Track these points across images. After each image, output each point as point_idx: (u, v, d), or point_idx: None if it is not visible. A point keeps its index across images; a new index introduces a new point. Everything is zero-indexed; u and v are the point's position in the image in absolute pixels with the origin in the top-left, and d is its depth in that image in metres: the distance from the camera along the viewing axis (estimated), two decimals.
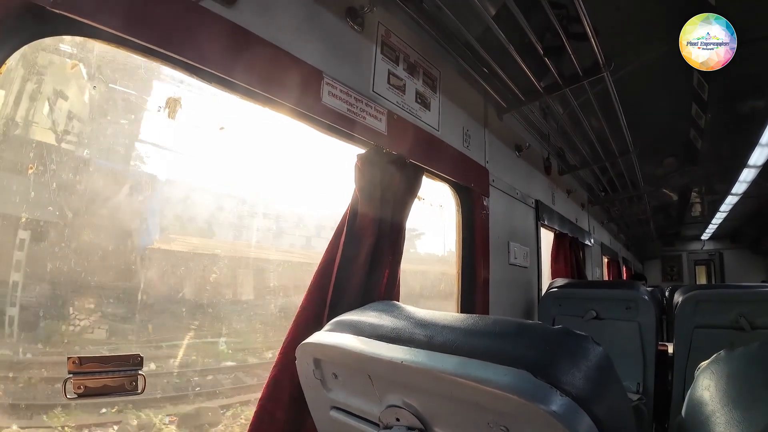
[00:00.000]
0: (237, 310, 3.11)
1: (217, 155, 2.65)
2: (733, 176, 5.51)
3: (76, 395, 1.10)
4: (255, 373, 3.08)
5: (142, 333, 2.51)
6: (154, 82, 2.23)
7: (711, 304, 2.08)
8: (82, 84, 2.09)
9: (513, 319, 0.76)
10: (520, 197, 2.99)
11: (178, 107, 1.32)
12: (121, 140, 2.33)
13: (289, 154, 2.63)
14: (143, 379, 1.19)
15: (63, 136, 2.07)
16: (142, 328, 2.50)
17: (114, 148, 2.31)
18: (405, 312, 0.88)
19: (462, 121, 2.33)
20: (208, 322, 2.88)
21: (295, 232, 3.55)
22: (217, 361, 2.97)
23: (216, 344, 2.98)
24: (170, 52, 1.05)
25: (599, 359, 0.65)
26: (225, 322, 3.00)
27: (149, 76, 2.18)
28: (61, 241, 2.07)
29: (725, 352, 0.73)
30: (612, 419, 0.61)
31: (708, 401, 0.64)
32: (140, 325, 2.49)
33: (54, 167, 1.99)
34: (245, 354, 3.17)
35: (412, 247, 3.69)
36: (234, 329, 3.08)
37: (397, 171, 1.61)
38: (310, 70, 1.41)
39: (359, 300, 1.42)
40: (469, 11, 2.10)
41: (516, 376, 0.59)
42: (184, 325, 2.72)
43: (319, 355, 0.89)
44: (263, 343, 3.19)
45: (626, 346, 2.19)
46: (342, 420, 0.90)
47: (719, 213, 8.11)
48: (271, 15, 1.31)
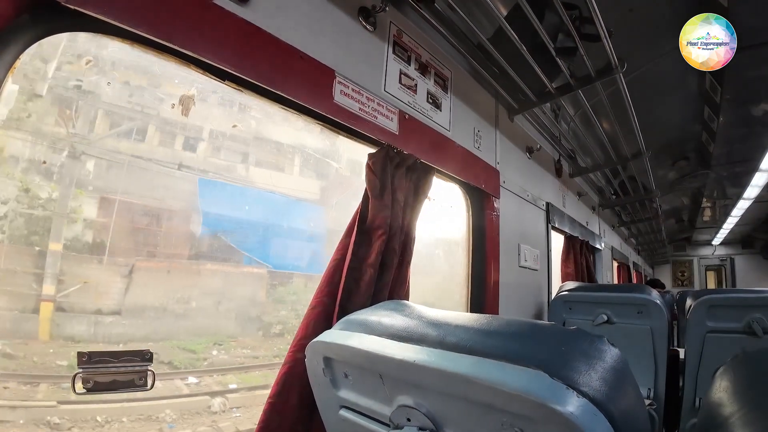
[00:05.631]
0: None
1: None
2: (745, 180, 5.44)
3: (85, 390, 1.11)
4: None
5: None
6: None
7: (723, 309, 2.05)
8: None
9: (527, 320, 0.75)
10: (530, 199, 2.97)
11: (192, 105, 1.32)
12: None
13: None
14: (152, 374, 1.20)
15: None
16: None
17: None
18: (416, 311, 0.87)
19: (473, 122, 2.32)
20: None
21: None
22: None
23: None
24: (184, 49, 1.05)
25: (615, 361, 0.64)
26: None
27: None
28: None
29: (743, 354, 0.71)
30: (628, 422, 0.60)
31: (726, 403, 0.63)
32: None
33: None
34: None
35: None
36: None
37: (407, 171, 1.61)
38: (323, 68, 1.41)
39: (369, 299, 1.42)
40: (480, 11, 2.11)
41: (532, 376, 0.58)
42: None
43: (329, 353, 0.89)
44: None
45: (637, 351, 2.17)
46: (352, 419, 0.90)
47: (731, 218, 8.01)
48: (284, 13, 1.31)
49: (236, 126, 7.15)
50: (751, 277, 11.53)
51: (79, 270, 6.81)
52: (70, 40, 5.13)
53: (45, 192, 6.45)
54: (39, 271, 6.47)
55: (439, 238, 2.62)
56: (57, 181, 6.48)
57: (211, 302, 6.40)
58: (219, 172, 7.49)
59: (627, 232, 7.21)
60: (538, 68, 2.13)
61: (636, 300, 2.23)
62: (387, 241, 1.47)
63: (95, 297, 6.92)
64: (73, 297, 6.77)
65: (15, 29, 0.89)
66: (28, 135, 6.05)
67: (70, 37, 0.99)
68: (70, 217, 6.80)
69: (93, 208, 6.83)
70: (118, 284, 7.07)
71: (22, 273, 6.36)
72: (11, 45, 0.90)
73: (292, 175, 7.43)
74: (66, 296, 6.69)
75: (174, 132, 7.20)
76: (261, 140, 7.59)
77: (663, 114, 3.95)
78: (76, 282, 6.82)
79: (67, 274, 6.69)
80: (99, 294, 6.94)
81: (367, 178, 1.48)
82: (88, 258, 6.92)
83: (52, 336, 6.40)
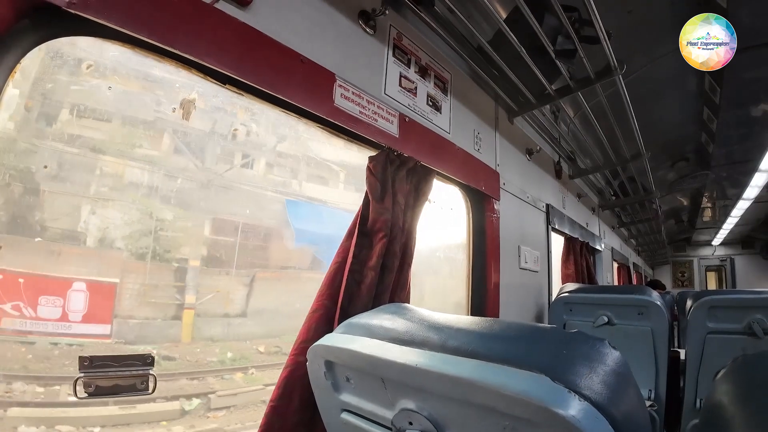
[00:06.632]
0: None
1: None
2: (745, 181, 5.45)
3: (86, 394, 1.11)
4: None
5: None
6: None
7: (723, 310, 2.06)
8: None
9: (528, 323, 0.75)
10: (530, 201, 2.98)
11: (192, 109, 1.32)
12: None
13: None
14: (154, 378, 1.20)
15: None
16: None
17: None
18: (418, 314, 0.87)
19: (473, 124, 2.32)
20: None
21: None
22: None
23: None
24: (185, 53, 1.05)
25: (617, 364, 0.64)
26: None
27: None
28: None
29: (744, 357, 0.72)
30: (630, 425, 0.60)
31: (728, 406, 0.63)
32: None
33: None
34: None
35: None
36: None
37: (408, 173, 1.61)
38: (323, 72, 1.41)
39: (370, 302, 1.42)
40: (480, 14, 2.11)
41: (534, 380, 0.58)
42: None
43: (331, 357, 0.89)
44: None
45: (638, 353, 2.17)
46: (353, 423, 0.90)
47: (730, 218, 8.03)
48: (284, 17, 1.32)
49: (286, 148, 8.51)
50: (751, 277, 11.54)
51: (210, 281, 8.34)
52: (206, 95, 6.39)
53: (170, 214, 7.86)
54: (180, 283, 7.79)
55: (451, 243, 2.64)
56: (177, 205, 7.93)
57: (310, 304, 7.69)
58: (277, 187, 8.89)
59: (627, 233, 7.22)
60: (538, 70, 2.13)
61: (636, 301, 2.23)
62: (388, 244, 1.48)
63: (225, 303, 8.37)
64: (207, 305, 8.22)
65: (15, 34, 0.90)
66: (145, 164, 7.29)
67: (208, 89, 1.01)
68: (197, 236, 8.21)
69: (208, 227, 8.39)
70: (241, 292, 8.59)
71: (164, 286, 7.87)
72: (12, 49, 0.90)
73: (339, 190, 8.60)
74: (202, 304, 8.13)
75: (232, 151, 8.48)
76: (314, 159, 8.85)
77: (662, 115, 3.96)
78: (209, 292, 8.30)
79: (202, 286, 8.16)
80: (228, 301, 8.41)
81: (368, 180, 1.48)
82: (216, 271, 8.49)
83: (194, 338, 7.83)
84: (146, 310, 7.80)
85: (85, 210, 6.87)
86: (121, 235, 7.43)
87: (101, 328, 7.06)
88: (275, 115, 1.28)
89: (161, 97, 6.34)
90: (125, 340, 7.18)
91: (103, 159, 6.49)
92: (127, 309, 7.59)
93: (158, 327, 7.86)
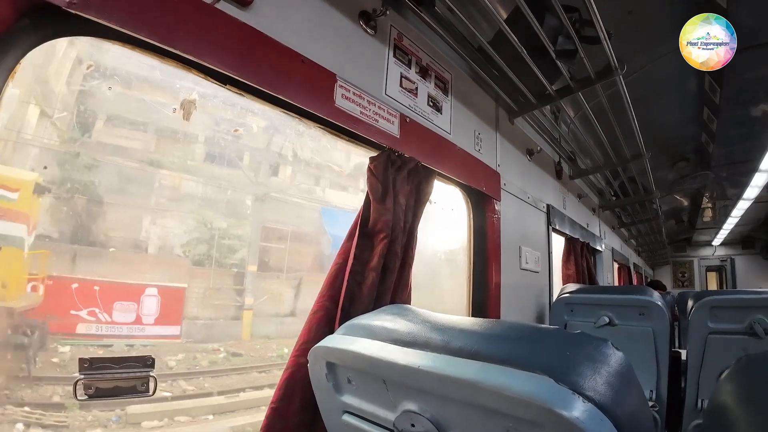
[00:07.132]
0: None
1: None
2: (745, 181, 5.44)
3: (86, 396, 1.11)
4: None
5: None
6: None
7: (724, 310, 2.05)
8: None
9: (531, 324, 0.75)
10: (531, 201, 2.97)
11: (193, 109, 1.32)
12: None
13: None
14: (154, 380, 1.19)
15: None
16: None
17: None
18: (420, 315, 0.87)
19: (474, 125, 2.32)
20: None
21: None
22: None
23: None
24: (185, 53, 1.05)
25: (620, 365, 0.64)
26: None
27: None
28: None
29: (748, 357, 0.71)
30: (633, 426, 0.60)
31: (731, 406, 0.63)
32: None
33: None
34: None
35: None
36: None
37: (409, 174, 1.61)
38: (324, 72, 1.41)
39: (371, 303, 1.41)
40: (481, 14, 2.11)
41: (537, 381, 0.58)
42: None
43: (332, 359, 0.89)
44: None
45: (639, 353, 2.16)
46: (355, 425, 0.89)
47: (731, 218, 8.02)
48: (285, 18, 1.31)
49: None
50: (751, 277, 11.54)
51: (264, 284, 9.70)
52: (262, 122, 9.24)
53: (224, 223, 9.18)
54: (239, 286, 8.86)
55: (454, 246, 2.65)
56: (230, 215, 9.39)
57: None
58: (312, 197, 10.58)
59: (627, 233, 7.21)
60: (538, 71, 2.13)
61: (637, 301, 2.23)
62: (389, 245, 1.47)
63: (277, 304, 9.79)
64: (262, 305, 9.54)
65: (15, 34, 0.89)
66: (199, 178, 8.84)
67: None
68: (252, 243, 9.47)
69: (257, 234, 9.74)
70: (289, 293, 10.16)
71: (226, 289, 9.24)
72: (12, 49, 0.89)
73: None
74: (258, 305, 9.47)
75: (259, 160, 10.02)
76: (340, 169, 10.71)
77: (662, 115, 3.95)
78: (263, 294, 9.64)
79: (257, 289, 9.56)
80: (280, 302, 9.89)
81: (369, 181, 1.48)
82: (268, 275, 9.96)
83: (252, 336, 9.11)
84: (210, 311, 8.97)
85: (145, 221, 8.51)
86: (180, 243, 8.78)
87: (172, 329, 8.04)
88: (311, 133, 1.33)
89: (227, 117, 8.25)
90: (194, 340, 8.20)
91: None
92: (193, 311, 8.73)
93: (221, 327, 8.95)
